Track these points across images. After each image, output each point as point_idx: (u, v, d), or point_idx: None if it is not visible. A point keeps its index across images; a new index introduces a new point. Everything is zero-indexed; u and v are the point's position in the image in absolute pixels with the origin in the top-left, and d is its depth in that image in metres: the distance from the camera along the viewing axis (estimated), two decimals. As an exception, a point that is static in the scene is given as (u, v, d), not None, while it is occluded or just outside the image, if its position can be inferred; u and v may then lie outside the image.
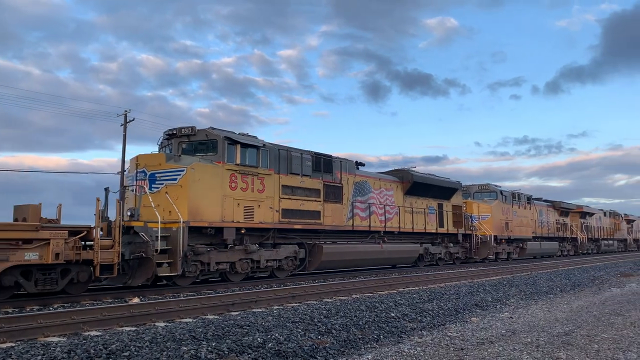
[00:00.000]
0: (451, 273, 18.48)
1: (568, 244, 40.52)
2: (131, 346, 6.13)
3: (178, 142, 14.66)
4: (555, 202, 39.87)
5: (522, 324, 8.40)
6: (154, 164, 13.70)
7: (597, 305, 10.74)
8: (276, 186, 15.66)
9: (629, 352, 6.18)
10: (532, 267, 23.12)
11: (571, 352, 6.17)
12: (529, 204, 34.01)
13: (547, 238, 36.08)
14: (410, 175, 22.26)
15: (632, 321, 8.54)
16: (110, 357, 5.71)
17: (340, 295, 12.20)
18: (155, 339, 6.54)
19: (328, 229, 17.61)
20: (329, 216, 17.53)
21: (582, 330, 7.66)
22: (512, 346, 6.56)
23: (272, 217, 15.44)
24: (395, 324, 8.56)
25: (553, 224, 38.06)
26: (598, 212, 48.11)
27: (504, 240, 29.88)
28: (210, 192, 13.81)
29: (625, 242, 55.55)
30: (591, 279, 17.85)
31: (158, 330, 7.28)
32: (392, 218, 20.86)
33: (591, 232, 45.22)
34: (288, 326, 7.76)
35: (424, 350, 6.45)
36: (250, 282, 14.76)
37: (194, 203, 13.40)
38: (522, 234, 31.86)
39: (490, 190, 30.51)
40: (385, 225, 20.30)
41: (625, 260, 32.19)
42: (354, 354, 6.52)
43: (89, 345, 6.13)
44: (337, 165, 18.28)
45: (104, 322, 7.94)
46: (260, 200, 15.11)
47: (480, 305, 11.07)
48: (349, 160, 19.34)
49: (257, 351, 6.24)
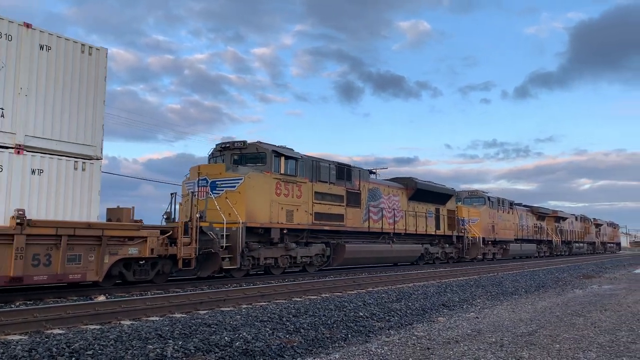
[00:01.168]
0: (420, 273, 18.72)
1: (544, 245, 43.56)
2: (95, 345, 6.02)
3: (230, 154, 17.14)
4: (533, 207, 43.07)
5: (487, 324, 8.55)
6: (215, 173, 16.12)
7: (560, 306, 11.01)
8: (310, 193, 18.21)
9: (588, 352, 6.36)
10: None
11: (534, 352, 6.30)
12: (512, 209, 36.97)
13: (526, 240, 38.98)
14: (414, 182, 25.05)
15: (592, 321, 8.78)
16: (73, 356, 5.59)
17: (309, 294, 12.22)
18: (121, 338, 6.44)
19: (349, 230, 19.98)
20: (350, 219, 20.02)
21: (545, 331, 7.84)
22: (477, 346, 6.67)
23: (307, 219, 17.92)
24: (364, 323, 8.61)
25: (531, 228, 40.98)
26: (570, 216, 51.24)
27: (490, 242, 32.49)
28: (261, 197, 16.23)
29: (594, 245, 59.33)
30: (555, 280, 18.29)
31: (124, 328, 7.16)
32: (399, 221, 23.45)
33: (564, 235, 48.50)
34: (256, 325, 7.74)
35: (391, 349, 6.51)
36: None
37: (249, 207, 15.74)
38: (505, 236, 34.68)
39: (479, 196, 33.34)
40: (394, 227, 22.95)
41: (588, 262, 33.90)
42: (322, 353, 6.54)
43: (51, 343, 5.99)
44: (356, 173, 20.84)
45: (67, 320, 7.78)
46: (298, 204, 17.61)
47: (448, 305, 11.23)
48: (364, 169, 21.94)
49: (224, 350, 6.20)
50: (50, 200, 10.94)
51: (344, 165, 20.26)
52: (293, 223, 17.30)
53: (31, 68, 10.86)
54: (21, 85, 10.69)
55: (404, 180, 25.46)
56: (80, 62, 11.80)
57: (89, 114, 11.90)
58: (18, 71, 10.66)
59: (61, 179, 11.16)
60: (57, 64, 11.34)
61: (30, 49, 10.87)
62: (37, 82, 10.98)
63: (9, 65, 10.52)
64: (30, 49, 10.88)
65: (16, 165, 10.37)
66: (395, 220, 23.17)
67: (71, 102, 11.57)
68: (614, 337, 7.37)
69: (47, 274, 10.51)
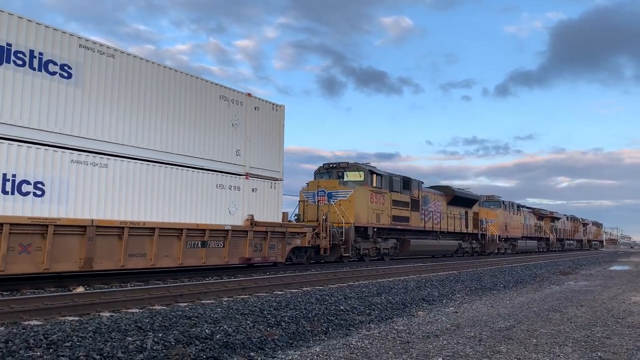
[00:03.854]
0: (400, 268, 18.86)
1: (543, 242, 50.54)
2: (73, 336, 5.95)
3: (337, 172, 23.49)
4: (534, 209, 50.23)
5: (466, 319, 8.65)
6: (331, 186, 22.44)
7: (537, 302, 11.17)
8: (389, 200, 24.56)
9: (564, 347, 6.47)
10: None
11: (511, 346, 6.40)
12: (519, 211, 43.99)
13: (529, 237, 46.11)
14: (452, 190, 31.76)
15: (568, 317, 8.94)
16: (51, 348, 5.52)
17: (291, 287, 12.23)
18: (100, 329, 6.38)
19: (412, 229, 26.32)
20: (413, 220, 26.42)
21: (522, 325, 7.96)
22: (456, 340, 6.75)
23: (387, 221, 24.26)
24: (344, 317, 8.65)
25: (533, 227, 47.90)
26: (563, 216, 58.62)
27: (503, 239, 39.39)
28: (363, 205, 22.52)
29: (582, 242, 67.40)
30: (533, 276, 18.55)
31: (103, 320, 7.10)
32: (442, 221, 29.71)
33: (558, 233, 55.86)
34: (237, 318, 7.72)
35: (371, 343, 6.55)
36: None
37: (356, 212, 21.92)
38: (514, 234, 41.93)
39: (495, 200, 40.09)
40: (440, 226, 29.38)
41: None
42: (303, 347, 6.55)
43: (28, 335, 5.91)
44: (415, 184, 27.01)
45: (45, 312, 7.69)
46: (383, 210, 24.03)
47: (427, 299, 11.33)
48: (419, 180, 27.77)
49: (204, 342, 6.17)
50: (261, 208, 16.67)
51: (407, 178, 26.31)
52: (380, 223, 23.58)
53: (252, 123, 16.65)
54: (247, 134, 16.46)
55: (444, 188, 31.90)
56: (272, 116, 17.52)
57: (276, 150, 17.58)
58: (246, 125, 16.42)
59: (265, 194, 16.94)
60: (262, 119, 17.05)
61: (251, 110, 16.63)
62: (254, 132, 16.71)
63: (241, 122, 16.25)
64: (251, 110, 16.64)
65: (246, 186, 16.24)
66: (440, 221, 29.37)
67: (269, 143, 17.30)
68: (589, 332, 7.52)
69: (260, 257, 16.47)
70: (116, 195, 12.52)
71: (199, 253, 14.24)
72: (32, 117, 11.14)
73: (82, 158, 11.94)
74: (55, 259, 11.06)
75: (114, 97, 12.76)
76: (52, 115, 11.50)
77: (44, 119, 11.34)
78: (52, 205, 11.26)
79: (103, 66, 12.58)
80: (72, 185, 11.68)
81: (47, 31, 11.56)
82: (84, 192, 11.91)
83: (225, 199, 15.41)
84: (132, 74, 13.26)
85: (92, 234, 11.66)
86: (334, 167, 23.52)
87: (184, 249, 13.71)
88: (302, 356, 5.77)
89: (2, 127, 10.62)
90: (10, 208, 10.56)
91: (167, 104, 14.05)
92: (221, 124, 15.55)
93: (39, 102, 11.30)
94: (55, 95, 11.59)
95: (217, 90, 15.54)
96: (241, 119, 16.15)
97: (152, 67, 13.78)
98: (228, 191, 15.52)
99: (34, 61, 11.25)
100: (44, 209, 11.11)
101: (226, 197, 15.45)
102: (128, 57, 13.23)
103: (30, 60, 11.21)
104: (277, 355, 6.05)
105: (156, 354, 5.55)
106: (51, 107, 11.49)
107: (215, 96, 15.44)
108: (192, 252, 14.05)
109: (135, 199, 12.96)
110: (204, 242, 14.33)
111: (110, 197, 12.40)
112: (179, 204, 14.03)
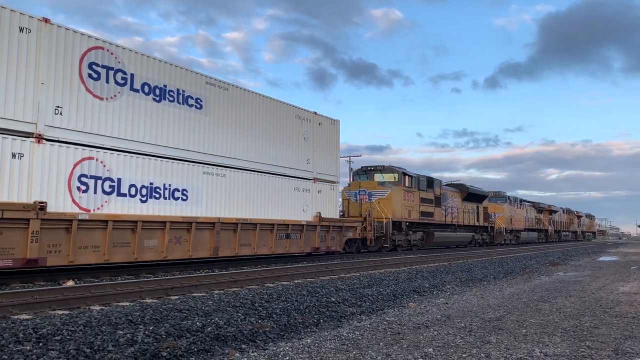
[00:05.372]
0: (391, 260, 18.94)
1: (542, 234, 54.92)
2: (63, 330, 5.92)
3: (373, 174, 27.36)
4: (534, 203, 54.28)
5: (456, 310, 8.70)
6: (371, 187, 26.10)
7: (527, 292, 11.26)
8: (418, 198, 28.46)
9: (553, 337, 6.53)
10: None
11: (501, 337, 6.45)
12: (521, 205, 48.35)
13: (531, 229, 50.49)
14: (467, 188, 35.99)
15: (557, 307, 9.02)
16: (41, 341, 5.49)
17: (282, 280, 12.24)
18: (90, 323, 6.35)
19: (435, 223, 30.19)
20: (436, 215, 30.37)
21: (512, 316, 8.02)
22: (446, 330, 6.79)
23: (417, 216, 28.14)
24: (336, 308, 8.68)
25: (533, 219, 52.09)
26: (559, 209, 62.85)
27: (509, 231, 43.47)
28: (398, 202, 26.40)
29: (576, 233, 72.15)
30: (523, 267, 18.70)
31: (93, 314, 7.07)
32: (458, 216, 33.68)
33: (556, 226, 60.25)
34: (228, 310, 7.72)
35: (362, 334, 6.58)
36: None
37: (393, 208, 25.60)
38: (518, 226, 46.25)
39: (502, 196, 44.20)
40: (457, 220, 33.41)
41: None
42: (294, 338, 6.57)
43: (18, 329, 5.87)
44: (437, 183, 31.07)
45: (35, 306, 7.64)
46: (413, 206, 27.87)
47: (418, 291, 11.39)
48: (439, 179, 31.82)
49: (196, 335, 6.17)
50: (324, 206, 20.60)
51: (431, 178, 30.36)
52: (410, 218, 27.51)
53: (317, 136, 20.67)
54: (314, 145, 20.40)
55: (459, 185, 36.29)
56: (331, 129, 21.69)
57: (333, 158, 21.80)
58: (313, 138, 20.39)
59: (327, 195, 21.02)
60: (323, 132, 21.16)
61: (316, 126, 20.61)
62: (318, 143, 20.69)
63: (310, 136, 20.19)
64: (316, 126, 20.60)
65: (314, 188, 20.26)
66: (457, 216, 33.31)
67: (328, 152, 21.43)
68: (578, 322, 7.59)
69: (324, 247, 20.28)
70: (230, 198, 16.33)
71: (284, 243, 18.26)
72: (180, 140, 14.89)
73: (210, 170, 15.75)
74: (195, 248, 14.74)
75: (227, 122, 16.50)
76: (192, 138, 15.25)
77: (187, 141, 15.11)
78: (192, 207, 15.00)
79: (221, 98, 16.35)
80: (204, 191, 15.46)
81: (186, 73, 15.24)
82: (211, 197, 15.66)
83: (299, 200, 19.35)
84: (238, 103, 16.96)
85: (219, 228, 15.50)
86: (372, 169, 27.56)
87: (275, 240, 17.65)
88: (294, 348, 5.78)
89: (167, 149, 14.47)
90: (168, 210, 14.31)
91: (261, 125, 17.83)
92: (296, 138, 19.50)
93: (184, 128, 15.06)
94: (193, 122, 15.35)
95: (293, 111, 19.45)
96: (310, 133, 20.26)
97: (252, 95, 17.55)
98: (301, 193, 19.53)
99: (179, 97, 15.02)
100: (187, 210, 14.85)
101: (300, 198, 19.42)
102: (236, 89, 16.99)
103: (177, 96, 14.96)
104: (269, 347, 6.06)
105: (147, 347, 5.54)
106: (191, 132, 15.25)
107: (292, 116, 19.36)
108: (280, 242, 18.04)
109: (242, 201, 16.74)
110: (287, 234, 18.39)
111: (228, 200, 16.22)
112: (269, 204, 17.80)
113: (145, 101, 14.01)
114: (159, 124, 14.29)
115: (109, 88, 13.16)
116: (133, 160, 13.56)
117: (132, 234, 13.11)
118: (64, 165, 12.06)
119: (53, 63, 11.97)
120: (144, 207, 13.69)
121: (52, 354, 5.08)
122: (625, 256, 29.22)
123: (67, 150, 12.14)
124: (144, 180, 13.76)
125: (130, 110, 13.64)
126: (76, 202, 12.21)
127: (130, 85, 13.69)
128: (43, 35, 11.82)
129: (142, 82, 13.99)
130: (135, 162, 13.62)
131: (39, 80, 11.67)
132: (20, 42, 11.37)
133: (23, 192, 11.18)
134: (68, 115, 12.21)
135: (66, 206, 11.97)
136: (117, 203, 13.07)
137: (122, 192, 13.21)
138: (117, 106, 13.33)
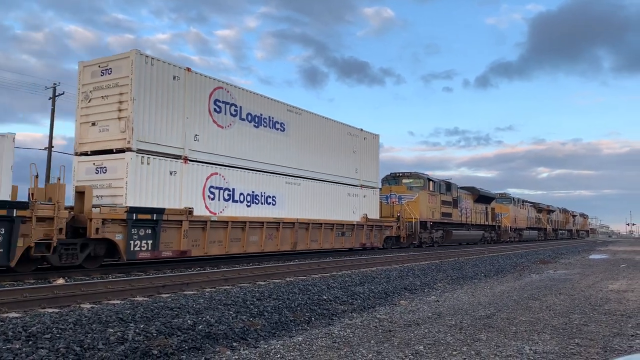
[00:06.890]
0: (382, 258, 18.98)
1: (542, 232, 59.15)
2: (53, 328, 5.89)
3: (401, 179, 30.72)
4: (534, 203, 58.26)
5: (447, 307, 8.74)
6: (400, 191, 29.69)
7: (517, 290, 11.33)
8: (439, 201, 32.03)
9: (543, 334, 6.58)
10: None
11: (491, 334, 6.49)
12: (523, 205, 52.37)
13: (532, 228, 54.65)
14: (478, 190, 39.59)
15: (547, 305, 9.09)
16: (30, 340, 5.46)
17: (274, 278, 12.24)
18: (80, 321, 6.32)
19: (453, 222, 33.87)
20: (454, 215, 34.05)
21: (502, 314, 8.07)
22: (437, 328, 6.82)
23: (438, 216, 31.67)
24: (327, 306, 8.69)
25: (534, 219, 56.11)
26: (556, 209, 67.23)
27: (513, 229, 47.50)
28: (424, 205, 29.81)
29: (571, 232, 76.45)
30: (513, 265, 18.81)
31: (83, 312, 7.03)
32: (470, 216, 37.42)
33: (553, 224, 64.36)
34: (220, 309, 7.71)
35: (354, 332, 6.59)
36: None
37: (420, 210, 29.05)
38: (521, 225, 50.51)
39: (507, 197, 47.76)
40: (471, 220, 37.26)
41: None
42: (285, 336, 6.57)
43: (7, 327, 5.83)
44: (454, 187, 34.91)
45: (24, 304, 7.60)
46: (435, 208, 31.40)
47: (409, 288, 11.42)
48: (455, 183, 35.35)
49: (187, 333, 6.16)
50: (368, 208, 24.45)
51: (449, 182, 34.10)
52: (434, 219, 30.99)
53: (362, 149, 24.58)
54: (360, 157, 24.34)
55: (471, 189, 39.53)
56: (372, 142, 25.68)
57: (374, 167, 25.75)
58: (359, 150, 24.36)
59: (370, 199, 24.94)
60: (367, 145, 25.05)
61: (361, 140, 24.55)
62: (363, 154, 24.63)
63: (357, 149, 24.11)
64: (361, 140, 24.55)
65: (361, 193, 24.16)
66: (470, 216, 37.04)
67: (370, 162, 25.38)
68: (567, 319, 7.65)
69: (369, 243, 24.19)
70: (303, 203, 20.05)
71: (341, 239, 22.19)
72: (271, 157, 18.61)
73: (290, 180, 19.52)
74: (281, 243, 18.40)
75: (300, 140, 20.30)
76: (278, 155, 18.98)
77: (275, 157, 18.81)
78: (279, 210, 18.69)
79: (296, 121, 20.18)
80: (286, 197, 19.17)
81: (274, 103, 19.05)
82: (292, 201, 19.41)
83: (351, 203, 23.17)
84: (307, 125, 20.76)
85: (297, 227, 19.21)
86: (400, 175, 31.10)
87: (334, 237, 21.56)
88: (285, 346, 5.78)
89: (262, 165, 18.21)
90: (264, 212, 17.94)
91: (323, 142, 21.78)
92: (347, 151, 23.41)
93: (274, 148, 18.83)
94: (279, 143, 19.13)
95: (346, 129, 23.51)
96: (357, 147, 24.17)
97: (316, 118, 21.43)
98: (352, 198, 23.38)
99: (270, 122, 18.74)
100: (276, 212, 18.54)
101: (351, 202, 23.23)
102: (306, 113, 20.85)
103: (269, 122, 18.70)
104: (260, 345, 6.06)
105: (138, 345, 5.52)
106: (278, 151, 19.00)
107: (345, 133, 23.40)
108: (338, 239, 21.94)
109: (310, 205, 20.43)
110: (343, 232, 22.23)
111: (302, 204, 19.93)
112: (329, 207, 21.64)
113: (249, 128, 17.73)
114: (257, 145, 18.01)
115: (226, 119, 16.84)
116: (242, 174, 17.32)
117: (242, 231, 16.70)
118: (201, 179, 15.74)
119: (192, 101, 15.56)
120: (249, 211, 17.40)
121: (42, 352, 5.05)
122: (615, 254, 29.47)
123: (202, 168, 15.83)
124: (249, 189, 17.54)
125: (240, 135, 17.36)
126: (207, 207, 15.84)
127: (239, 115, 17.39)
128: (187, 81, 15.44)
129: (246, 113, 17.67)
130: (243, 175, 17.36)
131: (185, 115, 15.30)
132: (174, 88, 15.00)
133: (177, 200, 14.75)
134: (201, 141, 15.84)
135: (201, 210, 15.45)
136: (232, 208, 16.78)
137: (235, 199, 16.98)
138: (231, 133, 17.04)
